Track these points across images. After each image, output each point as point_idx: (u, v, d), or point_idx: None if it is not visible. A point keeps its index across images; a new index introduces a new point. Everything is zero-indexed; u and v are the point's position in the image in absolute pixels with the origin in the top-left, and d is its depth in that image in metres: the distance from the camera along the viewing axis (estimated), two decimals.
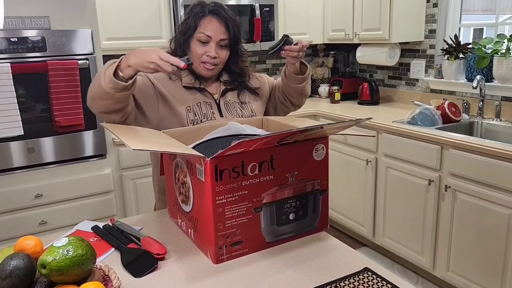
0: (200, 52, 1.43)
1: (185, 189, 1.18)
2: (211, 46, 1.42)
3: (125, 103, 1.29)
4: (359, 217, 3.04)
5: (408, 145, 2.56)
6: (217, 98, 1.51)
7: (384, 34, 3.08)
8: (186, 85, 1.48)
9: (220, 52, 1.44)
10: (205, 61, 1.43)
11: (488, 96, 2.78)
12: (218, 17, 1.42)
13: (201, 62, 1.44)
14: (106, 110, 1.29)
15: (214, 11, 1.43)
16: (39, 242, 1.00)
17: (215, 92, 1.52)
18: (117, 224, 1.29)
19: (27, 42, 2.30)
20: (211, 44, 1.42)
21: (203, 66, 1.44)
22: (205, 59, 1.43)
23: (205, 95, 1.50)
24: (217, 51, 1.43)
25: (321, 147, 1.19)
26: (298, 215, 1.20)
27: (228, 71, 1.54)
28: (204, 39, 1.42)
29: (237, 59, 1.52)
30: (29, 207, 2.45)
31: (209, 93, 1.50)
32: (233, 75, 1.54)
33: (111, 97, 1.24)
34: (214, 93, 1.51)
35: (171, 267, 1.10)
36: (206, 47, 1.42)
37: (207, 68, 1.44)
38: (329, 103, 3.61)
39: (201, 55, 1.43)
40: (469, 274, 2.33)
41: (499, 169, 2.10)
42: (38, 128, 2.40)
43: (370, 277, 1.03)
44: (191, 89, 1.48)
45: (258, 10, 3.16)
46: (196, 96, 1.48)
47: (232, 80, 1.54)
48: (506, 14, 3.20)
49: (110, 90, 1.22)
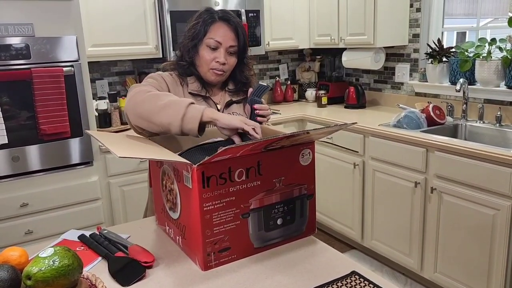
0: (209, 58, 1.42)
1: (172, 196, 1.18)
2: (221, 52, 1.42)
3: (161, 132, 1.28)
4: (347, 220, 3.05)
5: (394, 148, 2.59)
6: (221, 109, 1.50)
7: (369, 38, 3.11)
8: (192, 92, 1.47)
9: (229, 58, 1.44)
10: (214, 67, 1.43)
11: (471, 99, 2.83)
12: (228, 23, 1.42)
13: (210, 69, 1.44)
14: (144, 128, 1.27)
15: (224, 17, 1.43)
16: (24, 253, 0.98)
17: (218, 102, 1.51)
18: (104, 232, 1.28)
19: (11, 50, 2.27)
20: (221, 50, 1.42)
21: (212, 72, 1.44)
22: (214, 65, 1.43)
23: (209, 103, 1.49)
24: (226, 58, 1.43)
25: (307, 152, 1.20)
26: (285, 220, 1.20)
27: (234, 80, 1.54)
28: (213, 45, 1.41)
29: (243, 68, 1.52)
30: (14, 216, 2.41)
31: (213, 102, 1.50)
32: (238, 84, 1.53)
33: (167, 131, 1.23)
34: (218, 102, 1.51)
35: (159, 275, 1.09)
36: (216, 53, 1.42)
37: (216, 73, 1.44)
38: (316, 107, 3.64)
39: (210, 61, 1.42)
40: (456, 275, 2.36)
41: (483, 170, 2.14)
42: (23, 136, 2.37)
43: (358, 280, 1.04)
44: (196, 96, 1.47)
45: (244, 15, 3.17)
46: (200, 104, 1.46)
47: (237, 90, 1.54)
48: (487, 18, 3.26)
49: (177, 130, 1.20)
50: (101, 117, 2.86)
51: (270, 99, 3.88)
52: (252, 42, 3.27)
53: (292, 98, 3.93)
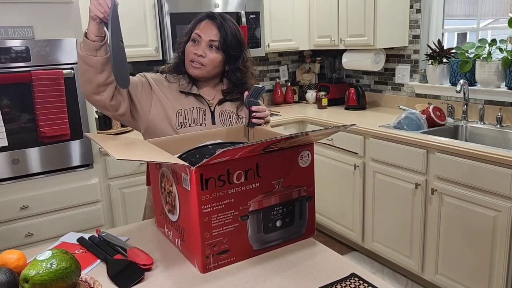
0: (189, 51, 1.48)
1: (171, 199, 1.18)
2: (201, 44, 1.47)
3: (108, 73, 1.34)
4: (348, 222, 3.05)
5: (394, 149, 2.59)
6: (212, 105, 1.53)
7: (369, 40, 3.11)
8: (183, 90, 1.51)
9: (209, 52, 1.47)
10: (192, 59, 1.48)
11: (471, 100, 2.83)
12: (212, 20, 1.48)
13: (190, 61, 1.49)
14: (93, 87, 1.34)
15: (211, 15, 1.49)
16: (22, 256, 0.98)
17: (211, 99, 1.54)
18: (103, 235, 1.28)
19: (11, 52, 2.27)
20: (201, 43, 1.47)
21: (190, 64, 1.49)
22: (192, 57, 1.48)
23: (201, 101, 1.52)
24: (205, 51, 1.47)
25: (306, 154, 1.20)
26: (285, 222, 1.20)
27: (227, 80, 1.58)
28: (195, 38, 1.48)
29: (236, 70, 1.54)
30: (15, 219, 2.41)
31: (205, 99, 1.53)
32: (231, 85, 1.57)
33: (90, 63, 1.30)
34: (210, 100, 1.54)
35: (158, 277, 1.09)
36: (195, 45, 1.48)
37: (194, 66, 1.48)
38: (317, 108, 3.63)
39: (190, 53, 1.48)
40: (457, 277, 2.35)
41: (484, 171, 2.13)
42: (23, 139, 2.37)
43: (357, 282, 1.04)
44: (187, 94, 1.51)
45: (244, 17, 3.17)
46: (190, 101, 1.51)
47: (230, 91, 1.56)
48: (487, 19, 3.26)
49: (86, 53, 1.30)
50: (101, 120, 2.86)
51: (270, 100, 3.88)
52: (252, 44, 3.27)
53: (292, 99, 3.93)
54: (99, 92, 1.36)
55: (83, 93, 1.39)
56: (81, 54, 1.31)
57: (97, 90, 1.36)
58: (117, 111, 1.42)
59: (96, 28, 1.29)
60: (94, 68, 1.32)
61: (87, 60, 1.31)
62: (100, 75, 1.33)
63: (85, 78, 1.35)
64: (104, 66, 1.33)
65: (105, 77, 1.34)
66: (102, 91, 1.36)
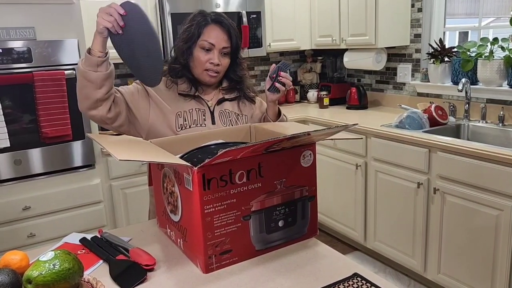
0: (203, 59, 1.46)
1: (173, 199, 1.18)
2: (214, 53, 1.46)
3: (107, 89, 1.34)
4: (350, 222, 3.04)
5: (396, 148, 2.58)
6: (211, 106, 1.53)
7: (370, 39, 3.11)
8: (181, 93, 1.51)
9: (222, 59, 1.48)
10: (208, 68, 1.47)
11: (473, 99, 2.82)
12: (220, 26, 1.46)
13: (204, 70, 1.47)
14: (90, 102, 1.34)
15: (216, 19, 1.47)
16: (24, 257, 0.98)
17: (210, 100, 1.54)
18: (105, 235, 1.28)
19: (13, 53, 2.28)
20: (214, 51, 1.46)
21: (206, 73, 1.48)
22: (208, 66, 1.46)
23: (200, 102, 1.52)
24: (220, 59, 1.47)
25: (308, 154, 1.20)
26: (287, 222, 1.20)
27: (228, 79, 1.57)
28: (207, 46, 1.45)
29: (236, 68, 1.55)
30: (17, 220, 2.41)
31: (203, 100, 1.53)
32: (231, 83, 1.57)
33: (90, 78, 1.30)
34: (209, 100, 1.54)
35: (161, 278, 1.09)
36: (209, 54, 1.46)
37: (210, 75, 1.48)
38: (318, 108, 3.63)
39: (204, 62, 1.46)
40: (460, 276, 2.34)
41: (486, 170, 2.12)
42: (25, 140, 2.37)
43: (360, 282, 1.03)
44: (185, 96, 1.51)
45: (245, 17, 3.17)
46: (189, 103, 1.51)
47: (231, 88, 1.57)
48: (489, 18, 3.25)
49: (87, 69, 1.29)
50: None
51: None
52: (253, 44, 3.27)
53: (294, 99, 3.93)
54: (96, 107, 1.36)
55: (80, 108, 1.38)
56: (81, 70, 1.31)
57: (95, 105, 1.36)
58: (115, 122, 1.43)
59: (101, 44, 1.30)
60: (93, 84, 1.32)
61: (87, 75, 1.31)
62: (99, 91, 1.33)
63: (83, 94, 1.34)
64: (103, 82, 1.33)
65: (104, 92, 1.34)
66: (99, 105, 1.36)
